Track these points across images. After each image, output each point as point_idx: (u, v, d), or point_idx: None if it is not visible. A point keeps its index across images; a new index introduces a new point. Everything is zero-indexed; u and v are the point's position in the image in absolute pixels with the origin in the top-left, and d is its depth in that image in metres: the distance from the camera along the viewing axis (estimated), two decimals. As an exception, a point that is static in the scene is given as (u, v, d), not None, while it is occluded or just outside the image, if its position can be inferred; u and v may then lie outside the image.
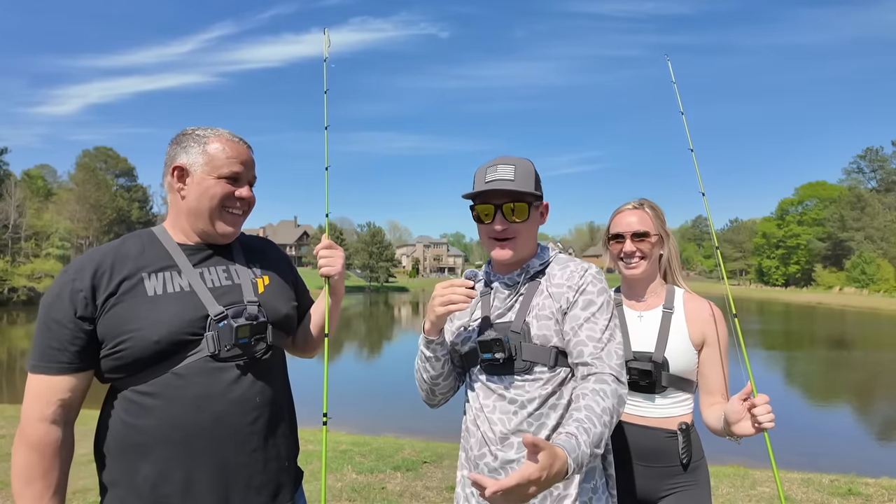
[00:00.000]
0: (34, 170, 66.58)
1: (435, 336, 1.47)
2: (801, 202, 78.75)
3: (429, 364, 1.52)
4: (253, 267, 1.51)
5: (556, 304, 1.44)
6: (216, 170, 1.40)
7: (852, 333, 26.91)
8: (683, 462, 1.77)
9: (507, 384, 1.43)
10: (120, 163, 68.43)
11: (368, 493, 4.29)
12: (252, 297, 1.43)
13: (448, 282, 1.41)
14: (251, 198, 1.48)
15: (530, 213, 1.48)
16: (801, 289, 69.78)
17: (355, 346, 22.41)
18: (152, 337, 1.26)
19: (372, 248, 77.19)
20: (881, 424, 9.97)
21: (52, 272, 48.25)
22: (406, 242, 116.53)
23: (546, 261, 1.55)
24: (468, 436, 1.52)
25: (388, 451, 5.60)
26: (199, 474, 1.29)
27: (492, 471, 1.41)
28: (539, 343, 1.42)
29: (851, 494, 4.37)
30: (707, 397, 1.81)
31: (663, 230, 1.91)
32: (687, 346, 1.80)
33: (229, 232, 1.45)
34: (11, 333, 27.72)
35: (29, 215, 50.77)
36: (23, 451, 1.27)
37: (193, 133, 1.44)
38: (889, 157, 72.88)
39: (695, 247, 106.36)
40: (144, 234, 1.45)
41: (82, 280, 1.29)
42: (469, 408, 1.53)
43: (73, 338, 1.27)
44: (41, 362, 1.27)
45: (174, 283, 1.36)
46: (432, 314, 1.43)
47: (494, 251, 1.51)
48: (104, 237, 57.97)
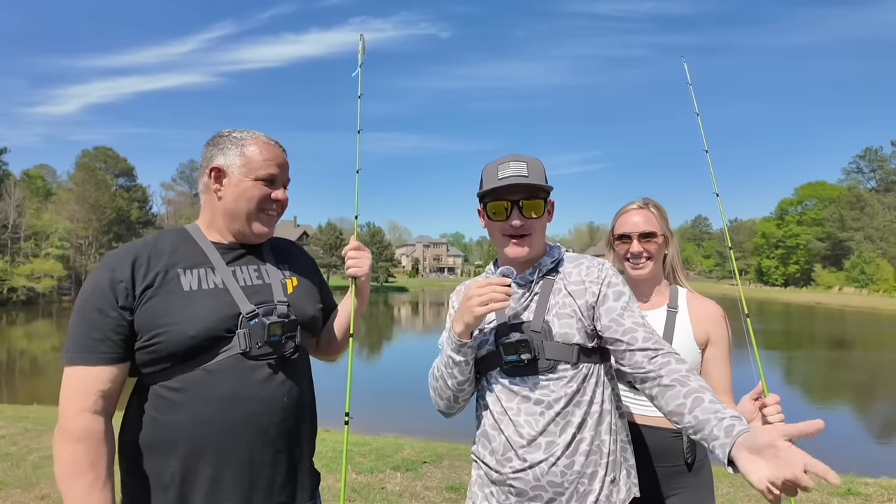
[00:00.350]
0: (33, 170, 66.53)
1: (468, 339, 1.41)
2: (800, 202, 78.74)
3: (458, 370, 1.45)
4: (282, 268, 1.54)
5: (580, 300, 1.45)
6: (253, 172, 1.43)
7: (852, 333, 26.92)
8: (688, 462, 1.77)
9: (531, 385, 1.42)
10: (119, 163, 68.34)
11: (368, 494, 4.29)
12: (282, 296, 1.45)
13: (484, 280, 1.38)
14: (286, 200, 1.52)
15: (544, 208, 1.50)
16: (801, 289, 69.80)
17: (355, 347, 22.32)
18: (189, 332, 1.28)
19: (371, 247, 76.76)
20: (881, 424, 9.99)
21: (52, 272, 48.31)
22: (406, 242, 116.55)
23: (557, 259, 1.55)
24: (487, 441, 1.48)
25: (387, 452, 5.59)
26: (225, 472, 1.29)
27: (516, 472, 1.39)
28: (561, 341, 1.42)
29: (851, 494, 4.38)
30: None
31: (668, 230, 1.91)
32: (691, 345, 1.79)
33: (265, 232, 1.49)
34: (11, 333, 27.70)
35: (28, 215, 50.74)
36: (66, 446, 1.23)
37: (230, 135, 1.47)
38: (888, 157, 72.98)
39: (694, 247, 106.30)
40: (178, 232, 1.47)
41: (122, 271, 1.30)
42: (487, 413, 1.49)
43: (116, 326, 1.27)
44: (81, 353, 1.26)
45: (208, 279, 1.38)
46: (468, 315, 1.35)
47: (510, 248, 1.49)
48: (103, 237, 57.98)
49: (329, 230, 75.11)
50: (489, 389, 1.50)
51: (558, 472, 1.37)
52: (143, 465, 1.31)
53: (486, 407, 1.50)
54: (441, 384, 1.51)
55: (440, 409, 1.58)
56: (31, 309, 43.24)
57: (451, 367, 1.46)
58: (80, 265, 54.81)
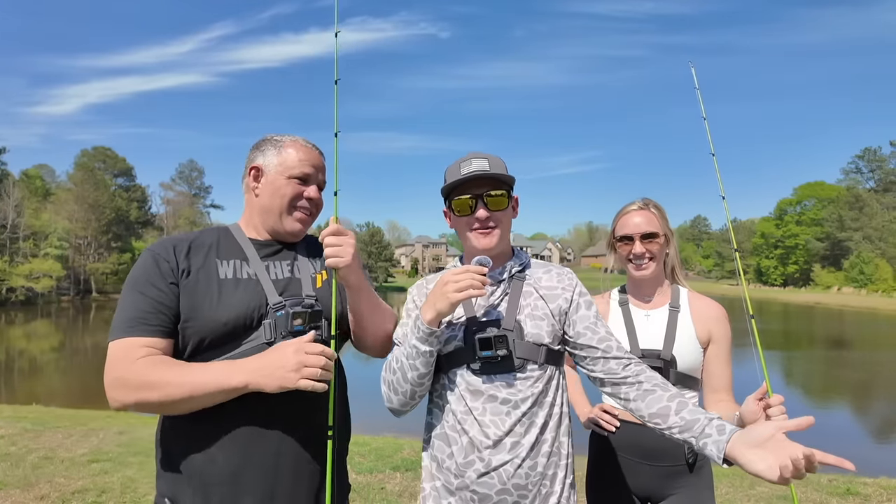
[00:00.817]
0: (32, 170, 66.39)
1: (437, 328, 1.37)
2: (799, 202, 78.77)
3: (421, 361, 1.39)
4: (314, 264, 1.58)
5: (552, 304, 1.48)
6: (287, 170, 1.51)
7: (850, 333, 26.94)
8: (689, 461, 1.76)
9: (499, 384, 1.41)
10: (118, 162, 68.30)
11: (368, 494, 4.29)
12: (310, 290, 1.49)
13: (462, 267, 1.37)
14: (319, 199, 1.57)
15: (508, 201, 1.52)
16: (800, 289, 69.86)
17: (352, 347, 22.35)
18: (221, 318, 1.33)
19: (371, 248, 77.13)
20: (879, 424, 10.00)
21: (51, 272, 48.26)
22: (405, 242, 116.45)
23: (524, 262, 1.58)
24: (445, 444, 1.46)
25: (387, 452, 5.59)
26: (248, 464, 1.30)
27: (480, 476, 1.38)
28: (532, 341, 1.44)
29: (850, 494, 4.38)
30: (712, 395, 1.81)
31: (668, 229, 1.92)
32: (694, 344, 1.80)
33: (297, 229, 1.54)
34: (9, 333, 27.66)
35: (27, 215, 50.66)
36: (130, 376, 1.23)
37: (272, 139, 1.56)
38: (887, 157, 73.04)
39: (694, 247, 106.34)
40: (220, 229, 1.55)
41: (167, 253, 1.38)
42: (447, 412, 1.46)
43: (168, 298, 1.32)
44: (132, 326, 1.28)
45: (243, 271, 1.44)
46: (443, 302, 1.32)
47: (477, 240, 1.50)
48: (102, 237, 57.92)
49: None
50: (451, 388, 1.46)
51: (523, 473, 1.38)
52: (173, 455, 1.34)
53: (448, 407, 1.46)
54: (398, 377, 1.44)
55: (392, 406, 1.50)
56: (29, 309, 43.17)
57: (415, 357, 1.39)
58: (78, 265, 54.76)
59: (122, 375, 1.24)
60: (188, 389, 1.22)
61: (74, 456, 5.22)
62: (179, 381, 1.22)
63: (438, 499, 1.46)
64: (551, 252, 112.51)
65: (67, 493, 4.14)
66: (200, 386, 1.22)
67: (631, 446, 1.84)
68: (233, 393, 1.25)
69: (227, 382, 1.23)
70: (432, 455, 1.50)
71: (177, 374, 1.23)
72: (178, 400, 1.23)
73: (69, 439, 5.80)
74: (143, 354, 1.25)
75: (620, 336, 1.86)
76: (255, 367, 1.25)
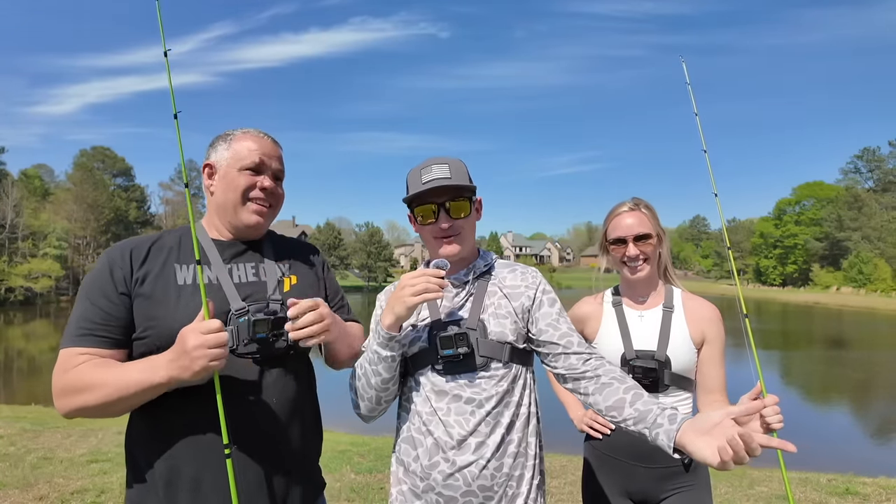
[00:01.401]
0: (31, 169, 66.27)
1: (397, 332, 1.38)
2: (798, 202, 78.79)
3: (383, 366, 1.40)
4: (283, 266, 1.52)
5: (515, 303, 1.49)
6: (238, 162, 1.45)
7: (849, 333, 26.96)
8: (685, 462, 1.75)
9: (462, 383, 1.42)
10: (117, 162, 68.21)
11: (367, 494, 4.29)
12: (276, 295, 1.43)
13: (419, 270, 1.38)
14: (274, 188, 1.49)
15: (471, 208, 1.53)
16: (799, 288, 69.89)
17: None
18: (177, 326, 1.27)
19: (370, 247, 77.09)
20: (879, 424, 10.00)
21: (50, 272, 48.19)
22: (404, 242, 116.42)
23: (490, 263, 1.60)
24: (411, 447, 1.46)
25: (386, 451, 5.59)
26: (208, 471, 1.28)
27: (446, 478, 1.38)
28: (495, 339, 1.44)
29: (849, 494, 4.38)
30: (706, 395, 1.81)
31: (660, 229, 1.91)
32: (688, 345, 1.80)
33: (255, 222, 1.47)
34: (8, 333, 27.62)
35: (26, 215, 50.58)
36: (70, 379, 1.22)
37: (224, 134, 1.51)
38: (886, 157, 73.04)
39: (693, 247, 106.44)
40: (182, 230, 1.49)
41: (123, 260, 1.34)
42: (413, 415, 1.47)
43: (116, 311, 1.29)
44: (80, 336, 1.26)
45: (203, 275, 1.36)
46: (400, 306, 1.33)
47: (441, 249, 1.51)
48: (101, 237, 57.83)
49: (327, 230, 75.03)
50: (417, 390, 1.47)
51: (488, 474, 1.37)
52: (138, 460, 1.32)
53: (414, 409, 1.47)
54: (364, 383, 1.45)
55: (360, 412, 1.51)
56: (28, 309, 43.11)
57: (377, 363, 1.41)
58: (77, 265, 54.66)
59: (63, 382, 1.23)
60: (117, 389, 1.20)
61: (73, 456, 5.21)
62: (107, 382, 1.20)
63: (405, 503, 1.46)
64: (550, 252, 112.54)
65: (66, 493, 4.14)
66: (128, 385, 1.20)
67: (625, 448, 1.82)
68: (159, 388, 1.21)
69: (151, 379, 1.20)
70: (399, 459, 1.51)
71: (107, 375, 1.21)
72: (113, 401, 1.20)
73: (68, 439, 5.79)
74: (82, 361, 1.24)
75: (614, 337, 1.87)
76: (170, 359, 1.20)
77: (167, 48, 1.48)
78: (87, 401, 1.21)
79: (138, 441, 1.33)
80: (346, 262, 76.11)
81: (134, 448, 1.34)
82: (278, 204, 1.53)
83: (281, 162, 1.53)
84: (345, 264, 75.61)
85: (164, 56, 1.48)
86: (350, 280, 78.77)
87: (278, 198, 1.52)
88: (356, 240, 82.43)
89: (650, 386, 1.75)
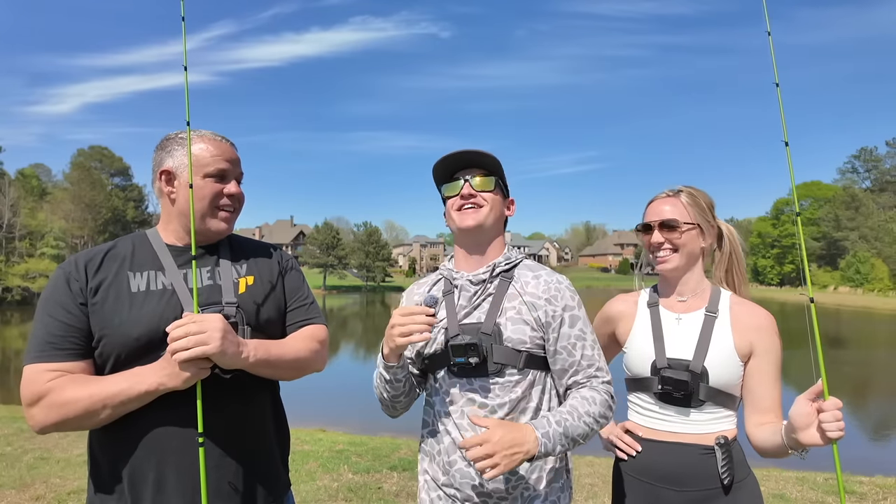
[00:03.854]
0: (28, 169, 66.13)
1: (395, 362, 1.41)
2: (796, 202, 78.95)
3: (389, 385, 1.46)
4: (239, 267, 1.50)
5: (535, 313, 1.44)
6: (202, 169, 1.42)
7: (847, 332, 27.04)
8: (725, 482, 1.49)
9: (477, 388, 1.42)
10: (115, 162, 68.09)
11: (365, 493, 4.29)
12: (231, 297, 1.41)
13: (407, 309, 1.35)
14: (240, 194, 1.50)
15: (495, 187, 1.52)
16: (796, 288, 69.97)
17: (352, 346, 22.37)
18: (132, 334, 1.29)
19: (368, 247, 76.99)
20: (875, 423, 10.02)
21: (47, 272, 47.97)
22: (402, 242, 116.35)
23: (513, 262, 1.53)
24: (434, 441, 1.49)
25: (384, 451, 5.59)
26: (168, 475, 1.29)
27: (463, 476, 1.41)
28: (511, 346, 1.41)
29: (846, 492, 4.39)
30: (756, 416, 1.56)
31: (705, 220, 1.67)
32: (731, 357, 1.56)
33: (223, 229, 1.47)
34: (5, 333, 27.54)
35: (23, 215, 50.41)
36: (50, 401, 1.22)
37: (177, 136, 1.47)
38: (883, 157, 73.37)
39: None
40: (137, 237, 1.49)
41: (78, 272, 1.34)
42: (434, 412, 1.50)
43: (79, 321, 1.30)
44: (44, 351, 1.26)
45: (157, 281, 1.38)
46: (391, 342, 1.35)
47: (461, 219, 1.51)
48: (99, 237, 57.66)
49: (326, 230, 74.91)
50: (437, 389, 1.50)
51: (502, 478, 1.38)
52: (101, 463, 1.33)
53: (434, 407, 1.50)
54: (379, 391, 1.52)
55: (384, 411, 1.60)
56: (26, 309, 42.94)
57: (383, 382, 1.46)
58: (75, 265, 54.40)
59: (36, 399, 1.23)
60: (99, 401, 1.21)
61: (70, 456, 5.20)
62: (90, 396, 1.21)
63: (429, 490, 1.50)
64: (549, 252, 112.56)
65: (63, 493, 4.13)
66: (112, 396, 1.22)
67: (653, 470, 1.58)
68: (146, 397, 1.23)
69: (137, 388, 1.22)
70: (425, 449, 1.54)
71: (87, 390, 1.22)
72: (94, 412, 1.22)
73: (65, 440, 5.77)
74: (51, 378, 1.24)
75: (645, 342, 1.65)
76: (160, 367, 1.24)
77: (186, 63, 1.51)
78: (66, 414, 1.22)
79: (101, 442, 1.33)
80: (345, 262, 75.97)
81: (96, 449, 1.34)
82: (241, 206, 1.53)
83: (240, 164, 1.52)
84: (343, 264, 75.48)
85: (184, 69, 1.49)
86: (349, 280, 78.75)
87: (242, 201, 1.52)
88: (354, 239, 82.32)
89: (682, 400, 1.55)
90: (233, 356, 1.26)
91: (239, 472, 1.37)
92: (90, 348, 1.30)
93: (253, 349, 1.32)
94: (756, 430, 1.55)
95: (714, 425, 1.55)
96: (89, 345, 1.30)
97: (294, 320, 1.55)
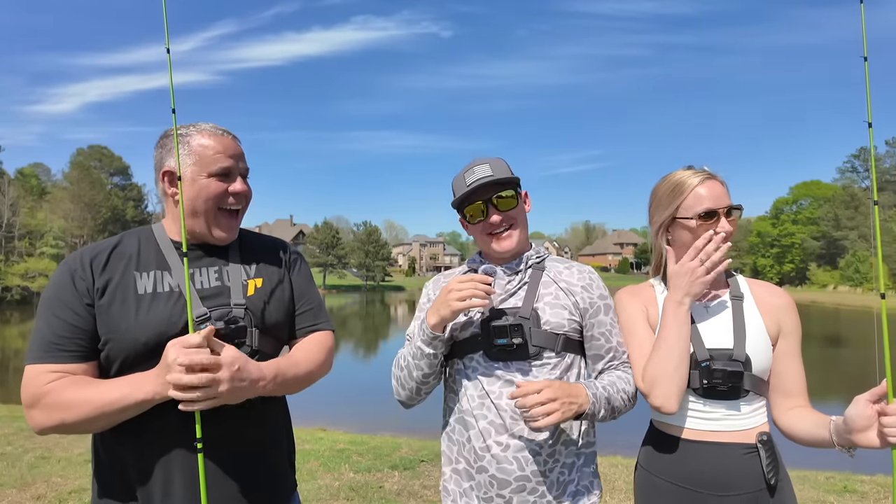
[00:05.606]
0: (28, 168, 66.12)
1: (441, 332, 1.41)
2: (795, 201, 78.96)
3: (426, 362, 1.44)
4: (248, 268, 1.46)
5: (572, 299, 1.49)
6: (205, 168, 1.36)
7: (846, 332, 27.07)
8: (770, 483, 1.38)
9: (515, 370, 1.43)
10: (115, 161, 68.04)
11: (366, 493, 4.28)
12: (240, 299, 1.38)
13: (467, 276, 1.38)
14: (246, 191, 1.44)
15: (518, 199, 1.54)
16: (796, 287, 70.05)
17: (352, 345, 22.37)
18: (140, 338, 1.26)
19: (368, 247, 77.04)
20: (875, 422, 10.02)
21: (47, 271, 47.97)
22: (402, 241, 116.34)
23: (543, 256, 1.60)
24: (463, 428, 1.48)
25: (385, 450, 5.59)
26: (175, 479, 1.27)
27: (500, 461, 1.40)
28: (549, 329, 1.44)
29: (847, 492, 4.39)
30: (784, 400, 1.47)
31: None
32: (765, 340, 1.46)
33: (225, 238, 1.42)
34: (5, 333, 27.53)
35: (23, 214, 50.43)
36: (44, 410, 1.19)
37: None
38: (882, 156, 73.33)
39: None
40: (142, 233, 1.43)
41: (84, 270, 1.30)
42: (463, 397, 1.48)
43: (84, 321, 1.26)
44: (48, 352, 1.23)
45: (164, 282, 1.34)
46: (446, 309, 1.35)
47: (496, 244, 1.53)
48: (99, 236, 57.60)
49: (325, 229, 74.89)
50: (467, 373, 1.48)
51: (541, 460, 1.39)
52: (106, 467, 1.31)
53: (464, 392, 1.48)
54: (405, 374, 1.49)
55: (400, 399, 1.56)
56: (25, 308, 42.93)
57: (420, 358, 1.44)
58: (75, 264, 54.38)
59: (36, 400, 1.20)
60: (97, 408, 1.18)
61: (71, 455, 5.20)
62: (89, 401, 1.18)
63: (459, 482, 1.49)
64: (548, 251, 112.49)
65: (64, 492, 4.12)
66: (109, 403, 1.18)
67: (689, 474, 1.42)
68: (144, 405, 1.19)
69: (134, 396, 1.18)
70: (452, 438, 1.53)
71: (87, 394, 1.19)
72: (92, 419, 1.19)
73: (65, 439, 5.77)
74: (52, 379, 1.21)
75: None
76: (157, 374, 1.19)
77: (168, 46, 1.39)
78: (66, 419, 1.19)
79: (106, 444, 1.31)
80: (345, 262, 76.00)
81: (100, 452, 1.32)
82: (248, 203, 1.48)
83: (245, 158, 1.45)
84: (343, 263, 75.51)
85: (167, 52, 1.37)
86: (348, 279, 78.74)
87: (249, 198, 1.46)
88: (354, 239, 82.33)
89: (729, 393, 1.42)
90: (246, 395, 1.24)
91: (247, 474, 1.35)
92: (95, 350, 1.27)
93: (271, 380, 1.28)
94: (786, 415, 1.46)
95: (754, 418, 1.44)
96: (94, 346, 1.27)
97: (302, 325, 1.52)
